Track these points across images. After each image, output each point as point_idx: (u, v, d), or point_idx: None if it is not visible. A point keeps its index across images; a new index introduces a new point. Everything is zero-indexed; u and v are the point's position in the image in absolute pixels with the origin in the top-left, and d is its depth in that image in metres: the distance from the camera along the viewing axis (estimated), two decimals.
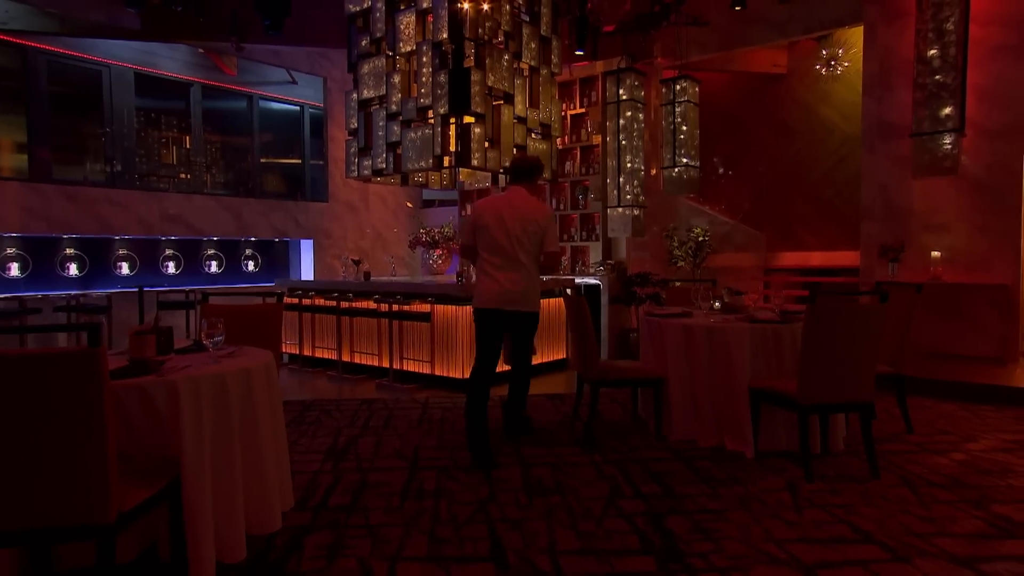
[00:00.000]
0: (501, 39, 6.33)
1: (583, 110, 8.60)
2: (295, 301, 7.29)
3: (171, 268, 8.52)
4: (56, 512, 1.82)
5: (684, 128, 7.76)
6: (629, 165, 7.66)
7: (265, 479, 2.42)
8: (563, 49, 7.08)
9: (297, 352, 7.39)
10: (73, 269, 7.61)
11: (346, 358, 6.89)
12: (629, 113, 7.61)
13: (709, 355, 3.93)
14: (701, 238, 8.04)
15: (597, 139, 8.37)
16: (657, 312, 4.44)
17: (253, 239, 9.32)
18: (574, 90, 8.68)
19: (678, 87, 7.72)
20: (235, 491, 2.27)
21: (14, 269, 7.25)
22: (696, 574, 2.39)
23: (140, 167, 8.53)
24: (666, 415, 4.20)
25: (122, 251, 8.08)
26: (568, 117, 8.68)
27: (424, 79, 6.11)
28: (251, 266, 9.40)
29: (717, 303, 4.47)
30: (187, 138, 9.08)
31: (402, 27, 6.32)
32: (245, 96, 9.56)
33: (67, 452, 1.80)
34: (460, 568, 2.46)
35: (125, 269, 8.07)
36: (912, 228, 6.44)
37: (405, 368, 6.33)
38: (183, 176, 9.02)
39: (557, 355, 7.00)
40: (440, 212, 10.91)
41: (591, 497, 3.17)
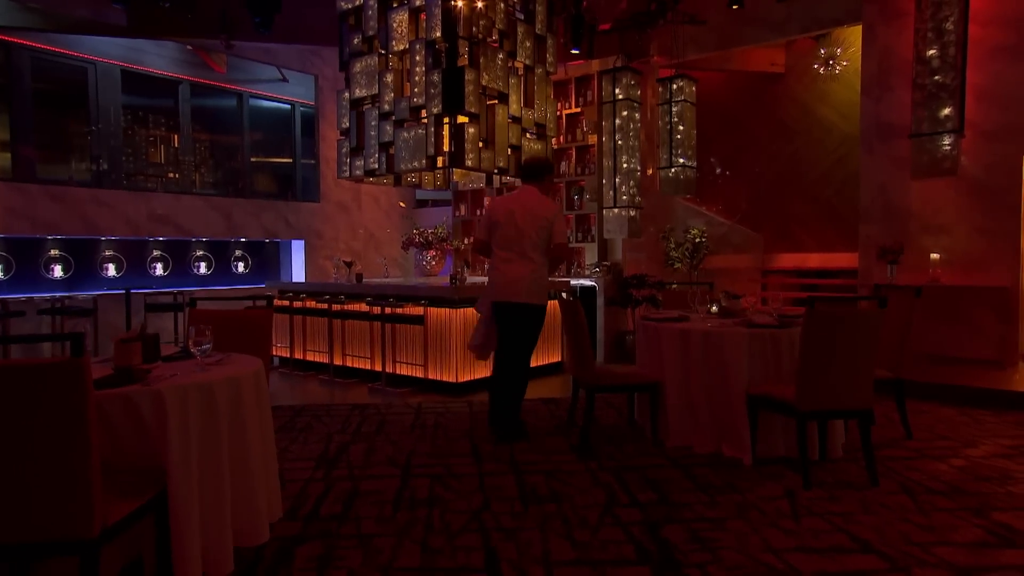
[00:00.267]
0: (495, 37, 6.32)
1: (579, 109, 8.59)
2: (286, 303, 7.26)
3: (159, 270, 8.47)
4: (37, 527, 1.80)
5: (681, 128, 7.76)
6: (625, 165, 7.66)
7: (254, 490, 2.40)
8: (558, 48, 7.08)
9: (288, 355, 7.37)
10: (58, 271, 7.56)
11: (338, 362, 6.87)
12: (625, 112, 7.61)
13: (706, 360, 3.94)
14: (698, 239, 8.05)
15: (593, 139, 8.36)
16: (653, 316, 4.44)
17: (243, 240, 9.28)
18: (569, 89, 8.67)
19: (675, 86, 7.73)
20: (223, 503, 2.26)
21: None
22: None
23: (127, 166, 8.48)
24: (663, 421, 4.20)
25: (108, 252, 8.03)
26: (563, 117, 8.67)
27: (417, 78, 6.09)
28: (241, 267, 9.36)
29: (714, 307, 4.47)
30: (175, 137, 9.04)
31: (395, 25, 6.30)
32: (235, 94, 9.52)
33: (49, 465, 1.78)
34: None
35: (112, 271, 8.02)
36: (911, 230, 6.47)
37: (398, 372, 6.32)
38: (171, 176, 8.98)
39: (552, 358, 6.99)
40: (434, 212, 10.89)
41: (587, 505, 3.17)
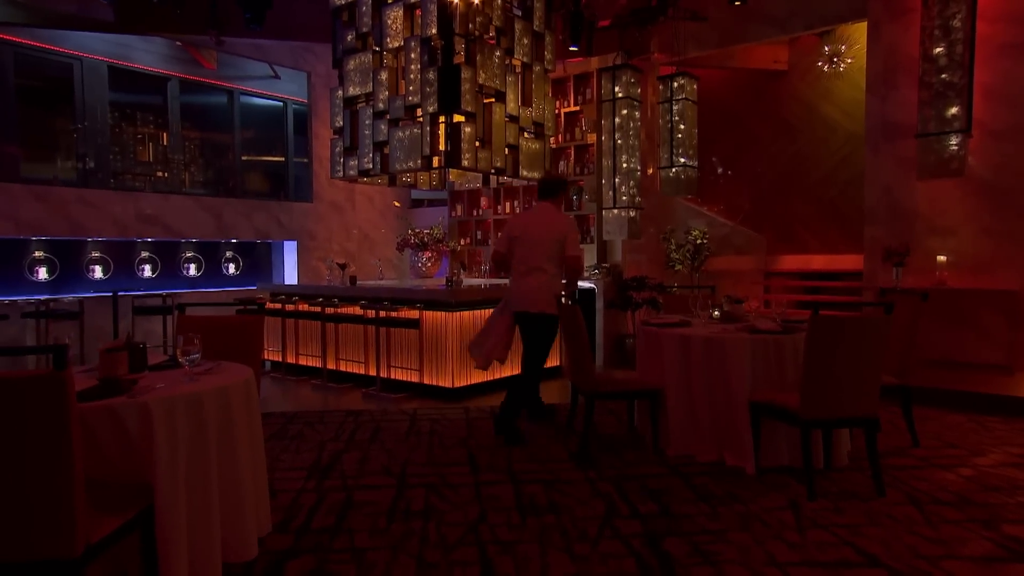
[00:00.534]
0: (492, 34, 6.31)
1: (577, 108, 8.58)
2: (278, 306, 7.24)
3: (147, 271, 8.43)
4: (16, 546, 1.78)
5: (682, 127, 7.75)
6: (625, 165, 7.65)
7: (243, 504, 2.38)
8: (557, 45, 7.07)
9: (280, 359, 7.34)
10: (43, 273, 7.52)
11: (331, 366, 6.85)
12: (625, 111, 7.60)
13: (708, 367, 3.92)
14: (699, 241, 8.04)
15: (592, 138, 8.35)
16: (654, 321, 4.43)
17: (234, 241, 9.24)
18: (568, 87, 8.66)
19: (676, 84, 7.71)
20: (211, 518, 2.24)
21: None
22: None
23: (114, 165, 8.44)
24: (663, 428, 4.19)
25: (95, 254, 7.99)
26: (562, 115, 8.66)
27: (412, 76, 6.08)
28: (232, 269, 9.33)
29: (716, 311, 4.46)
30: (164, 135, 9.00)
31: (389, 22, 6.29)
32: (225, 91, 9.48)
33: (30, 482, 1.76)
34: None
35: (98, 273, 7.98)
36: (917, 231, 6.46)
37: (393, 377, 6.30)
38: (160, 175, 8.94)
39: (551, 362, 6.98)
40: (429, 212, 10.87)
41: (586, 517, 3.15)
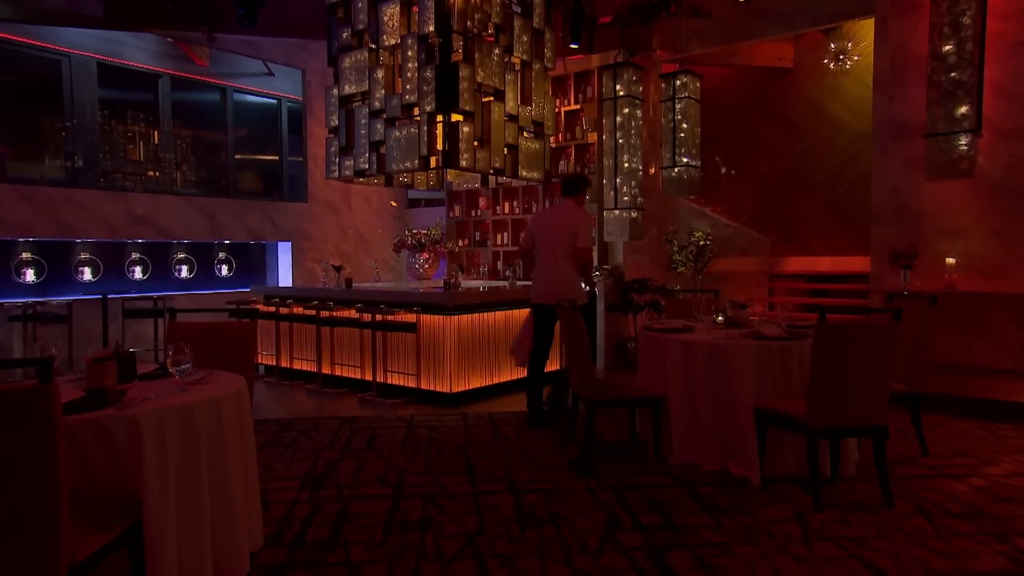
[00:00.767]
0: (491, 32, 6.29)
1: (578, 106, 8.56)
2: (272, 309, 7.22)
3: (138, 273, 8.40)
4: None
5: (684, 125, 7.73)
6: (626, 165, 7.63)
7: (235, 518, 2.36)
8: (557, 42, 7.05)
9: (274, 363, 7.32)
10: (30, 275, 7.49)
11: (326, 370, 6.83)
12: (627, 110, 7.58)
13: (712, 374, 3.91)
14: (702, 242, 8.03)
15: (593, 137, 8.33)
16: (656, 327, 4.41)
17: (227, 242, 9.22)
18: (568, 85, 8.64)
19: (678, 82, 7.69)
20: (202, 533, 2.22)
21: None
22: None
23: (104, 164, 8.41)
24: (666, 436, 4.17)
25: (84, 255, 7.96)
26: (562, 114, 8.65)
27: (409, 74, 6.06)
28: (225, 271, 9.30)
29: (720, 316, 4.44)
30: (155, 133, 8.97)
31: (385, 19, 6.27)
32: (218, 88, 9.45)
33: (13, 499, 1.73)
34: None
35: (87, 275, 7.95)
36: (925, 233, 6.45)
37: (389, 382, 6.29)
38: (151, 174, 8.91)
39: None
40: (426, 212, 10.85)
41: (587, 529, 3.14)
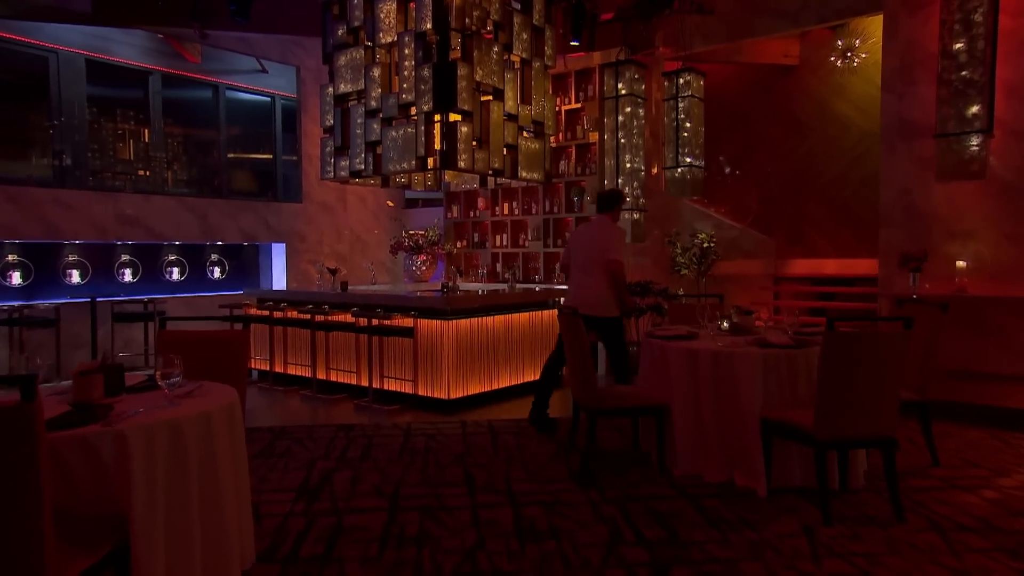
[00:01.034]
0: (490, 29, 6.27)
1: (579, 105, 8.55)
2: (266, 313, 7.19)
3: (127, 276, 8.37)
4: None
5: (688, 125, 7.71)
6: (628, 165, 7.61)
7: (226, 537, 2.33)
8: (557, 39, 7.03)
9: (267, 368, 7.30)
10: (16, 278, 7.45)
11: (321, 376, 6.81)
12: (628, 108, 7.57)
13: (716, 382, 3.88)
14: (706, 244, 8.01)
15: (594, 137, 8.32)
16: (660, 334, 4.39)
17: (219, 243, 9.19)
18: (569, 83, 8.63)
19: (682, 80, 7.67)
20: (191, 554, 2.19)
21: None
22: None
23: (93, 164, 8.38)
24: (670, 446, 4.15)
25: (72, 257, 7.93)
26: (562, 113, 8.63)
27: (406, 73, 6.03)
28: (217, 273, 9.28)
29: (725, 323, 4.42)
30: (145, 131, 8.94)
31: (382, 15, 6.24)
32: (210, 86, 9.42)
33: None
34: None
35: (76, 277, 7.92)
36: (935, 235, 6.43)
37: (386, 387, 6.27)
38: (141, 173, 8.88)
39: None
40: (424, 213, 10.83)
41: (589, 543, 3.11)
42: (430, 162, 6.02)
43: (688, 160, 7.72)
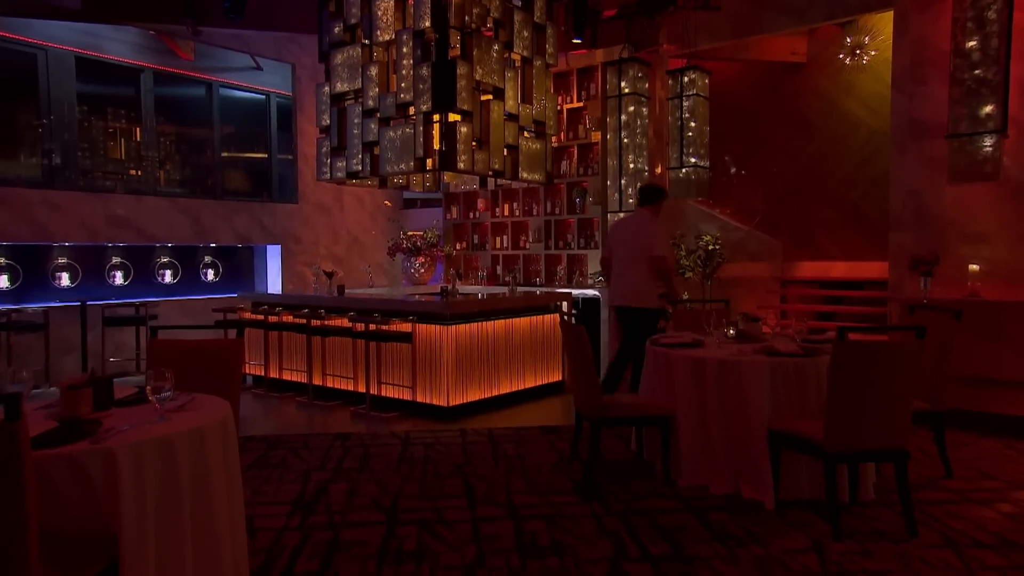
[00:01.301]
0: (490, 26, 6.25)
1: (581, 104, 8.53)
2: (260, 317, 7.17)
3: (119, 279, 8.36)
4: None
5: (693, 124, 7.70)
6: (631, 165, 7.60)
7: (219, 557, 2.31)
8: (559, 37, 7.01)
9: (262, 374, 7.28)
10: (4, 281, 7.43)
11: (317, 382, 6.79)
12: (632, 107, 7.55)
13: (723, 392, 3.87)
14: (711, 246, 7.99)
15: (596, 136, 8.30)
16: (664, 341, 4.37)
17: (213, 245, 9.18)
18: (571, 82, 8.61)
19: (686, 79, 7.66)
20: (183, 574, 2.17)
21: None
22: None
23: (83, 163, 8.36)
24: (675, 457, 4.13)
25: (62, 260, 7.91)
26: (564, 112, 8.61)
27: (405, 72, 6.02)
28: (211, 275, 9.26)
29: (731, 330, 4.39)
30: (137, 130, 8.92)
31: (380, 13, 6.23)
32: (203, 83, 9.40)
33: None
34: None
35: (65, 280, 7.91)
36: (947, 238, 6.40)
37: (383, 394, 6.25)
38: (133, 173, 8.86)
39: (552, 377, 6.93)
40: (423, 214, 10.81)
41: (592, 560, 3.09)
42: (429, 163, 6.01)
43: (693, 160, 7.70)
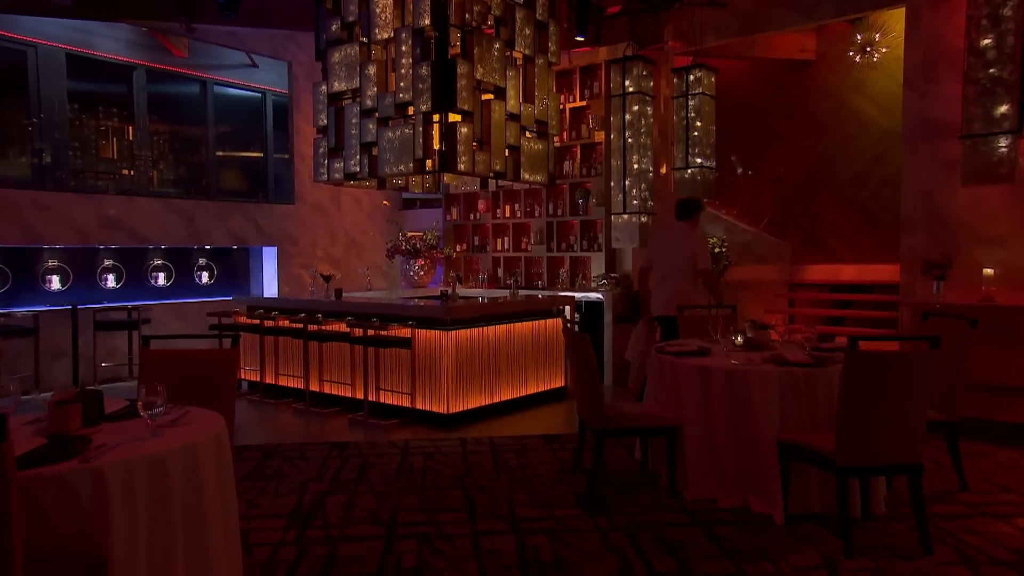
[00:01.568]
0: (491, 24, 6.22)
1: (584, 103, 8.51)
2: (256, 322, 7.15)
3: (111, 282, 8.34)
4: None
5: (699, 123, 7.66)
6: (636, 166, 7.57)
7: None
8: (561, 34, 6.98)
9: (258, 379, 7.26)
10: None
11: (314, 388, 6.78)
12: (636, 107, 7.52)
13: (731, 402, 3.84)
14: (718, 249, 7.96)
15: (600, 136, 8.28)
16: (670, 349, 4.35)
17: (207, 247, 9.16)
18: (574, 80, 8.59)
19: (692, 77, 7.62)
20: None
21: None
22: None
23: (74, 163, 8.34)
24: (681, 468, 4.11)
25: (52, 263, 7.89)
26: (567, 111, 8.59)
27: (404, 71, 5.99)
28: (205, 278, 9.24)
29: (739, 337, 4.37)
30: (130, 129, 8.90)
31: (378, 10, 6.20)
32: (198, 81, 9.38)
33: None
34: None
35: (56, 283, 7.89)
36: (960, 241, 6.38)
37: (382, 400, 6.24)
38: (125, 173, 8.84)
39: (555, 383, 6.91)
40: (422, 214, 10.79)
41: None
42: (428, 164, 5.98)
43: (698, 160, 7.67)
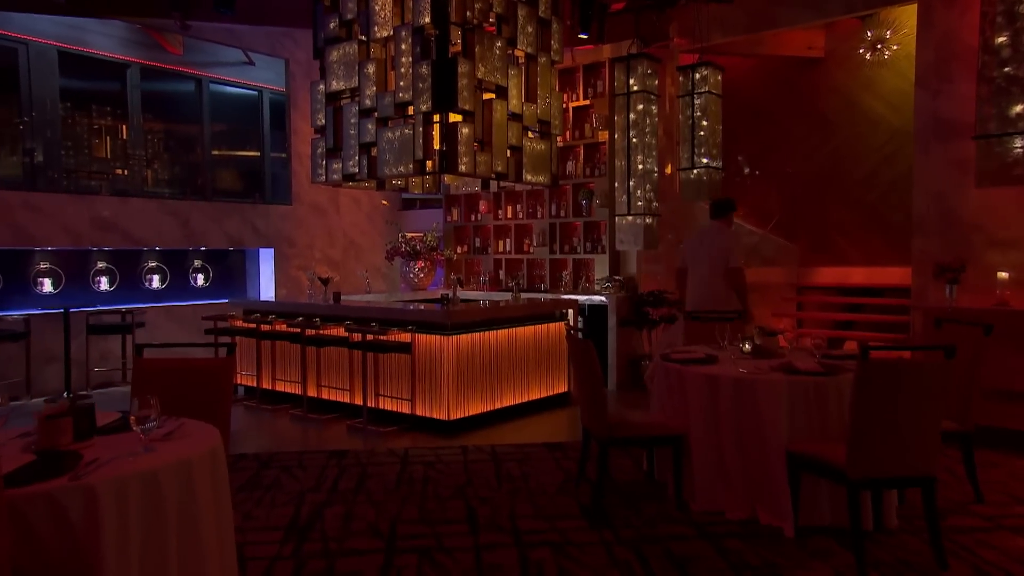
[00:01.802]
0: (493, 22, 6.21)
1: (587, 102, 8.49)
2: (252, 326, 7.13)
3: (104, 284, 8.33)
4: None
5: (704, 123, 7.62)
6: (640, 166, 7.53)
7: None
8: (564, 32, 6.96)
9: (254, 384, 7.24)
10: None
11: (312, 393, 6.77)
12: (641, 105, 7.48)
13: (739, 412, 3.82)
14: None
15: (603, 136, 8.26)
16: (676, 357, 4.32)
17: (203, 249, 9.15)
18: (577, 78, 8.57)
19: (698, 75, 7.58)
20: None
21: None
22: None
23: (66, 163, 8.33)
24: (687, 479, 4.08)
25: (44, 265, 7.88)
26: (570, 110, 8.57)
27: (403, 70, 5.98)
28: (201, 280, 9.23)
29: (747, 344, 4.33)
30: (123, 127, 8.90)
31: (377, 8, 6.19)
32: (193, 79, 9.39)
33: None
34: None
35: (48, 286, 7.88)
36: (974, 244, 6.34)
37: (381, 407, 6.22)
38: (119, 173, 8.84)
39: (558, 388, 6.89)
40: (422, 215, 10.77)
41: None
42: (429, 165, 5.96)
43: (704, 160, 7.63)
